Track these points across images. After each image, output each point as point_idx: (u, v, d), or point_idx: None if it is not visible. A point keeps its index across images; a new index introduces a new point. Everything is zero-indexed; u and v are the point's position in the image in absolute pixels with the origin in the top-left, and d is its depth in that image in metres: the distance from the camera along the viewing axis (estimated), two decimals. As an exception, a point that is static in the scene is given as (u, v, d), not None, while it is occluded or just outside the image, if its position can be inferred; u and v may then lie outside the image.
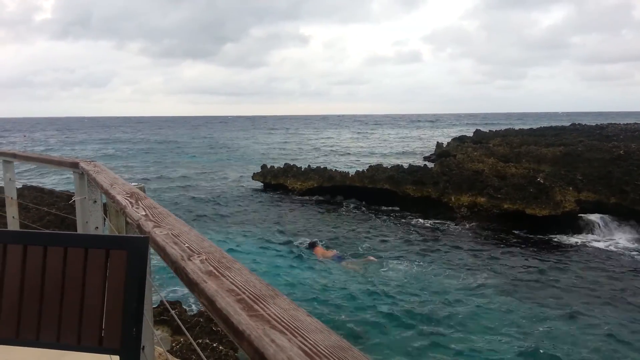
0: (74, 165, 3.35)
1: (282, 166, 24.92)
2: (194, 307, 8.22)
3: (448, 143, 41.72)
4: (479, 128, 54.32)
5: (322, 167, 24.17)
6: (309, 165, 24.50)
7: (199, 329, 4.55)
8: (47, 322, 1.22)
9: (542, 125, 61.87)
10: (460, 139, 44.06)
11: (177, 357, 3.53)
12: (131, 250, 1.22)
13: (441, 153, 35.68)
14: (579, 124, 57.55)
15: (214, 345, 4.15)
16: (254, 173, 26.05)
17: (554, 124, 67.85)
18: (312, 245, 14.52)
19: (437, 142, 43.65)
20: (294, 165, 24.81)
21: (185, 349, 3.91)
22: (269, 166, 25.47)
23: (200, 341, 4.09)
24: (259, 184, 25.15)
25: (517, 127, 56.75)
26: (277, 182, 23.81)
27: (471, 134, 47.94)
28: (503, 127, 57.93)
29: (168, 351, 3.09)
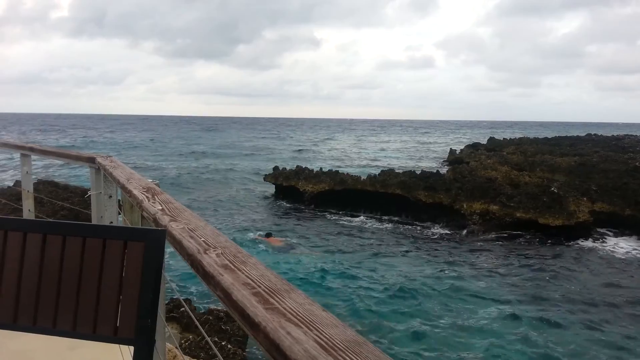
0: (91, 160, 3.39)
1: (293, 168, 24.96)
2: (201, 306, 8.28)
3: (461, 150, 41.52)
4: (492, 136, 54.01)
5: (334, 170, 24.18)
6: (320, 168, 24.51)
7: (208, 327, 4.57)
8: (64, 311, 1.23)
9: (557, 135, 61.31)
10: (474, 146, 43.82)
11: (186, 354, 3.55)
12: (148, 242, 1.23)
13: (454, 160, 35.52)
14: (594, 134, 56.96)
15: (223, 343, 4.16)
16: (265, 174, 26.12)
17: (568, 133, 67.16)
18: (267, 235, 15.97)
19: (450, 148, 43.45)
20: (305, 167, 24.83)
21: (194, 346, 3.93)
22: (280, 168, 25.52)
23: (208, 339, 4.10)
24: (270, 186, 25.23)
25: (531, 136, 56.33)
26: (289, 184, 23.83)
27: (485, 142, 47.66)
28: (517, 136, 57.50)
29: (177, 348, 3.11)
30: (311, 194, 22.46)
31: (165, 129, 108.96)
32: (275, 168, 25.72)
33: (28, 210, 4.39)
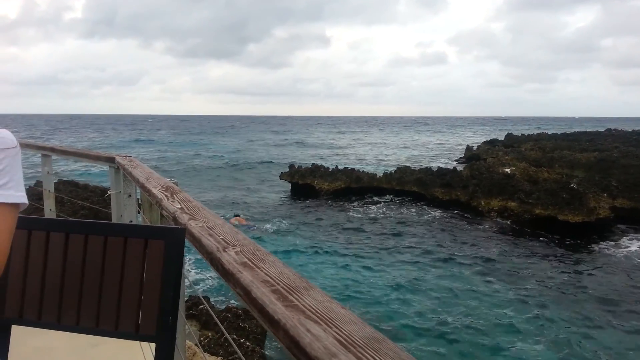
0: (110, 160, 3.44)
1: (309, 166, 25.00)
2: (218, 304, 8.33)
3: (478, 146, 41.13)
4: (509, 132, 53.41)
5: (349, 168, 24.16)
6: (336, 166, 24.51)
7: (227, 325, 4.61)
8: (87, 308, 1.25)
9: (575, 130, 60.38)
10: (491, 143, 43.36)
11: (205, 351, 3.58)
12: (168, 241, 1.25)
13: (471, 156, 35.19)
14: (614, 129, 55.92)
15: (241, 340, 4.20)
16: (281, 173, 26.20)
17: (587, 128, 66.11)
18: (235, 216, 17.30)
19: (467, 145, 43.06)
20: (321, 165, 24.85)
21: (213, 343, 3.97)
22: (296, 166, 25.58)
23: (226, 337, 4.15)
24: (286, 184, 25.31)
25: (549, 132, 55.57)
26: (305, 182, 23.87)
27: (501, 138, 47.15)
28: (535, 131, 56.75)
29: (196, 345, 3.14)
30: (327, 192, 22.48)
31: (187, 128, 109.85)
32: (291, 166, 25.78)
33: (49, 209, 4.47)
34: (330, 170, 23.77)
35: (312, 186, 23.33)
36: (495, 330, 9.45)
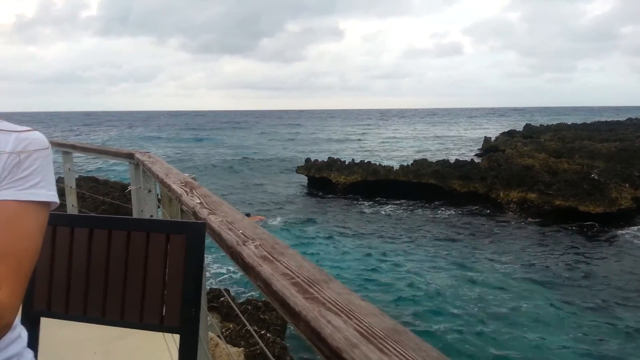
0: (130, 156, 3.50)
1: (325, 160, 25.00)
2: (236, 296, 8.42)
3: (496, 137, 40.67)
4: (528, 122, 52.67)
5: (365, 161, 24.10)
6: (352, 159, 24.48)
7: (247, 317, 4.68)
8: (112, 301, 1.29)
9: (595, 120, 59.29)
10: (509, 134, 42.87)
11: (227, 343, 3.63)
12: (190, 235, 1.27)
13: (489, 148, 34.82)
14: (635, 118, 54.78)
15: (262, 332, 4.26)
16: (298, 166, 26.26)
17: (606, 118, 64.83)
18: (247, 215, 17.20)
19: (485, 136, 42.58)
20: (337, 158, 24.83)
21: (234, 335, 4.03)
22: (312, 160, 25.61)
23: (247, 328, 4.21)
24: (303, 177, 25.37)
25: (568, 122, 54.66)
26: (321, 175, 23.88)
27: (520, 129, 46.55)
28: (554, 122, 55.88)
29: (218, 336, 3.19)
30: (343, 185, 22.47)
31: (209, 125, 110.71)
32: (307, 160, 25.81)
33: (72, 205, 4.57)
34: (346, 163, 23.75)
35: (328, 179, 23.33)
36: (519, 322, 9.38)
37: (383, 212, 18.82)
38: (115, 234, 1.31)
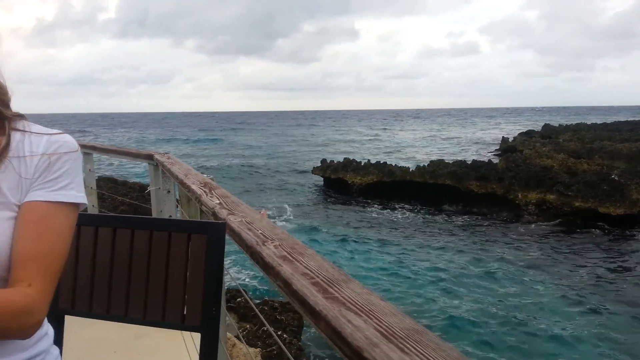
0: (149, 157, 3.54)
1: (341, 161, 24.99)
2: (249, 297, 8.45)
3: (514, 138, 40.22)
4: (546, 122, 51.99)
5: (381, 162, 24.04)
6: (368, 160, 24.43)
7: (264, 317, 4.69)
8: (134, 300, 1.31)
9: (615, 119, 58.26)
10: (528, 134, 42.37)
11: (244, 343, 3.66)
12: (210, 235, 1.29)
13: (506, 148, 34.44)
14: (658, 117, 53.71)
15: (279, 333, 4.28)
16: (313, 167, 26.29)
17: (627, 118, 63.61)
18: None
19: (502, 136, 42.13)
20: (353, 160, 24.81)
21: (251, 335, 4.05)
22: (328, 160, 25.62)
23: (265, 328, 4.24)
24: (319, 178, 25.38)
25: (588, 122, 53.80)
26: (337, 176, 23.88)
27: (538, 129, 45.98)
28: (573, 122, 55.05)
29: (235, 336, 3.22)
30: (359, 186, 22.43)
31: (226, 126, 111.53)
32: (323, 161, 25.83)
33: (92, 205, 4.64)
34: (362, 164, 23.71)
35: (344, 180, 23.31)
36: (541, 326, 9.24)
37: (399, 214, 18.74)
38: (137, 234, 1.33)
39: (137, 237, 1.33)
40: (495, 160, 23.86)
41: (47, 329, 1.03)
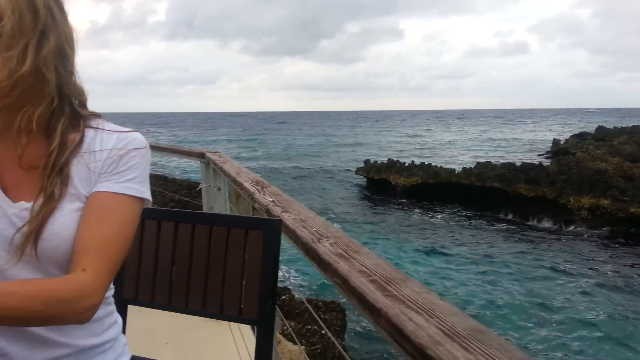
0: (201, 156, 3.64)
1: (385, 161, 24.82)
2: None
3: (566, 140, 38.75)
4: (600, 124, 49.82)
5: (425, 163, 23.71)
6: (412, 161, 24.15)
7: (308, 316, 4.74)
8: (194, 292, 1.36)
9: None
10: (580, 136, 40.73)
11: (288, 340, 3.71)
12: (266, 231, 1.32)
13: (558, 151, 33.22)
14: None
15: (322, 332, 4.30)
16: (357, 168, 26.23)
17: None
18: None
19: (554, 138, 40.67)
20: (397, 160, 24.59)
21: (295, 333, 4.09)
22: (372, 161, 25.49)
23: (309, 327, 4.28)
24: (362, 179, 25.31)
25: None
26: (380, 177, 23.73)
27: (591, 131, 44.13)
28: (628, 124, 52.50)
29: (280, 333, 3.26)
30: (403, 187, 22.20)
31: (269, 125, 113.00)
32: (367, 161, 25.74)
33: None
34: (406, 165, 23.46)
35: (387, 181, 23.14)
36: (586, 335, 8.90)
37: (443, 216, 18.43)
38: (198, 228, 1.38)
39: (198, 231, 1.38)
40: (546, 163, 23.07)
41: (117, 317, 1.08)
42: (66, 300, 0.78)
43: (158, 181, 11.45)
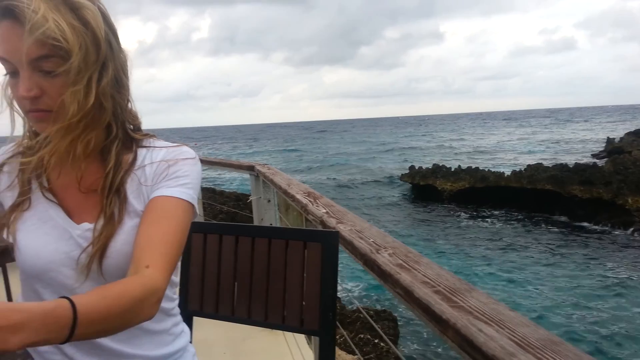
0: (251, 168, 3.72)
1: (430, 167, 24.46)
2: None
3: (621, 138, 37.00)
4: (660, 120, 47.25)
5: (473, 167, 23.20)
6: (459, 166, 23.69)
7: (360, 325, 4.73)
8: (256, 303, 1.39)
9: None
10: (636, 134, 38.80)
11: (341, 349, 3.71)
12: (324, 243, 1.34)
13: (612, 149, 31.78)
14: None
15: (375, 341, 4.28)
16: (402, 174, 25.97)
17: None
18: None
19: (608, 137, 38.93)
20: (443, 165, 24.18)
21: (345, 343, 4.08)
22: (417, 167, 25.19)
23: (362, 336, 4.26)
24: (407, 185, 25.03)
25: None
26: (426, 182, 23.40)
27: (649, 127, 41.92)
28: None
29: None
30: (450, 192, 21.80)
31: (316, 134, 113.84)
32: (412, 167, 25.45)
33: (199, 214, 4.95)
34: (452, 169, 23.03)
35: (433, 187, 22.79)
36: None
37: (493, 222, 17.95)
38: (257, 241, 1.41)
39: (258, 244, 1.41)
40: (601, 163, 22.11)
41: (183, 327, 1.12)
42: (139, 298, 0.78)
43: (207, 193, 11.73)
